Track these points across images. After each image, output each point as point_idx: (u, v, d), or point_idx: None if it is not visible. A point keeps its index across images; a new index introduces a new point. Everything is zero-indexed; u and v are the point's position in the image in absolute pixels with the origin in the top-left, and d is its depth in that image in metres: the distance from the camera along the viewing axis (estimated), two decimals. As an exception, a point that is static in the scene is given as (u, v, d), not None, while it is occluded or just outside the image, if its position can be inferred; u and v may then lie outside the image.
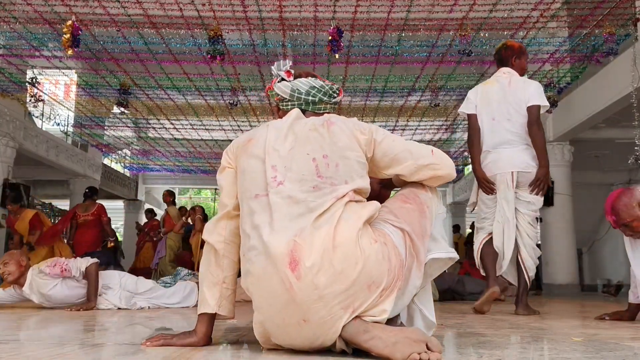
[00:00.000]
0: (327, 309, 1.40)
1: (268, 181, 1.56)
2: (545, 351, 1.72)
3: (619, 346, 1.85)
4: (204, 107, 10.55)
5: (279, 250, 1.43)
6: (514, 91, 3.66)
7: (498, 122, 3.65)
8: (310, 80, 1.84)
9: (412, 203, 1.66)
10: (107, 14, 6.98)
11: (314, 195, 1.53)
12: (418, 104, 10.18)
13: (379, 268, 1.44)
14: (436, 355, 1.31)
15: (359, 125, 1.69)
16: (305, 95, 1.80)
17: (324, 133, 1.63)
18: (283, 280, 1.41)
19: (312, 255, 1.41)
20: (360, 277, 1.41)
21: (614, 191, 2.82)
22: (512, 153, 3.60)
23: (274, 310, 1.45)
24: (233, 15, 7.05)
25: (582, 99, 8.31)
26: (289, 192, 1.53)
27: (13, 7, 6.88)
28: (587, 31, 7.18)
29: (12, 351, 1.56)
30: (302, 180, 1.55)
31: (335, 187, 1.55)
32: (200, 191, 26.33)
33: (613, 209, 2.74)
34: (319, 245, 1.42)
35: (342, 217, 1.49)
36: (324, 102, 1.82)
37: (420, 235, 1.60)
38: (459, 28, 6.91)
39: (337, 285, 1.40)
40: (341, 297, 1.40)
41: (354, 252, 1.42)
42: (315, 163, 1.58)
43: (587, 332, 2.35)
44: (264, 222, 1.51)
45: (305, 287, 1.39)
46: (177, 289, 4.24)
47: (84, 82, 9.59)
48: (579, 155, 9.66)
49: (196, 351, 1.56)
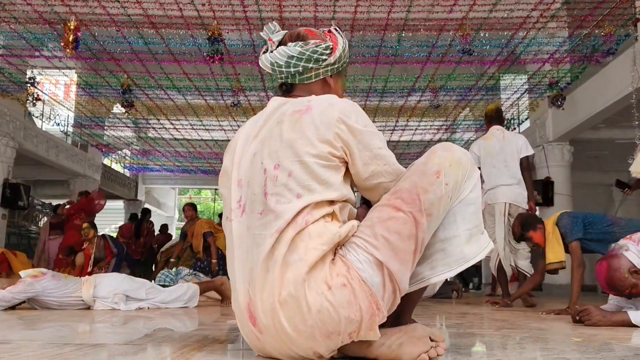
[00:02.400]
0: (301, 351, 1.30)
1: (232, 205, 1.38)
2: (545, 351, 1.72)
3: (619, 346, 1.85)
4: (204, 107, 10.55)
5: (240, 301, 1.34)
6: (508, 143, 4.85)
7: (498, 169, 4.81)
8: (290, 47, 1.49)
9: (405, 211, 1.31)
10: (106, 14, 6.98)
11: (260, 226, 1.31)
12: (418, 104, 10.18)
13: (334, 319, 1.24)
14: (442, 346, 1.30)
15: (352, 113, 1.37)
16: (285, 68, 1.49)
17: (292, 123, 1.36)
18: (251, 331, 1.35)
19: (264, 314, 1.28)
20: (314, 332, 1.25)
21: (601, 264, 2.77)
22: (506, 190, 4.77)
23: (253, 347, 1.40)
24: (233, 15, 7.05)
25: (582, 99, 8.31)
26: (247, 220, 1.34)
27: (13, 7, 6.88)
28: (587, 31, 7.17)
29: (12, 351, 1.56)
30: (254, 202, 1.34)
31: (278, 212, 1.29)
32: (200, 191, 26.33)
33: (609, 286, 2.74)
34: (267, 301, 1.27)
35: (286, 262, 1.26)
36: (311, 69, 1.50)
37: (405, 259, 1.30)
38: (459, 28, 6.91)
39: (295, 342, 1.28)
40: (306, 347, 1.28)
41: (300, 309, 1.24)
42: (266, 176, 1.33)
43: (587, 332, 2.35)
44: (231, 258, 1.38)
45: (271, 340, 1.31)
46: (177, 289, 4.23)
47: (84, 82, 9.59)
48: (578, 155, 9.66)
49: (196, 351, 1.56)
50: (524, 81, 9.55)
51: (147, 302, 3.94)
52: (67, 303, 3.72)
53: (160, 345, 1.70)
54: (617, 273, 2.68)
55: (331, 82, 1.56)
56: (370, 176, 1.38)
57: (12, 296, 3.59)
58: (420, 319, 2.51)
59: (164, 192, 19.98)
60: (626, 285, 2.66)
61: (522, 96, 10.00)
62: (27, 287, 3.67)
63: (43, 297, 3.70)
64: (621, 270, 2.67)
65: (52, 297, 3.72)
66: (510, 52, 8.09)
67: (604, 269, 2.75)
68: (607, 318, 2.63)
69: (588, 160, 10.68)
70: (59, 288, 3.75)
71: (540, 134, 9.93)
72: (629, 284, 2.66)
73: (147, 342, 1.78)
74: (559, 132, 9.33)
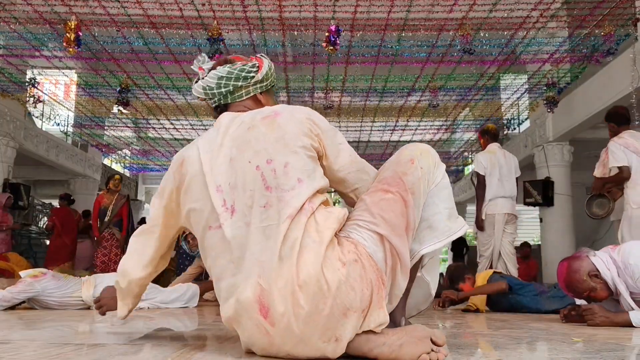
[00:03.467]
0: (310, 346, 1.31)
1: (218, 210, 1.39)
2: (545, 351, 1.72)
3: (619, 346, 1.85)
4: (204, 107, 10.55)
5: (245, 296, 1.32)
6: (507, 161, 5.40)
7: (501, 182, 5.29)
8: (219, 69, 1.62)
9: (393, 192, 1.43)
10: (107, 14, 6.98)
11: (267, 218, 1.35)
12: (418, 104, 10.18)
13: (351, 294, 1.30)
14: (443, 352, 1.30)
15: (315, 113, 1.50)
16: (217, 89, 1.61)
17: (266, 127, 1.44)
18: (258, 326, 1.33)
19: (281, 300, 1.29)
20: (333, 311, 1.29)
21: (562, 265, 2.77)
22: (505, 202, 5.30)
23: (258, 346, 1.38)
24: (233, 15, 7.05)
25: (582, 99, 8.31)
26: (243, 218, 1.36)
27: (13, 7, 6.88)
28: (587, 31, 7.18)
29: (12, 351, 1.56)
30: (252, 198, 1.37)
31: (285, 200, 1.35)
32: (200, 191, 26.37)
33: (568, 288, 2.73)
34: (284, 288, 1.29)
35: (303, 245, 1.31)
36: (241, 87, 1.62)
37: (402, 234, 1.40)
38: (459, 28, 6.91)
39: (312, 325, 1.29)
40: (319, 333, 1.30)
41: (320, 288, 1.28)
42: (260, 171, 1.39)
43: (587, 332, 2.35)
44: (226, 261, 1.37)
45: (282, 332, 1.31)
46: (177, 289, 4.23)
47: (84, 82, 9.59)
48: (578, 155, 9.66)
49: (196, 351, 1.56)
50: (524, 81, 9.55)
51: (147, 302, 3.94)
52: (67, 303, 3.72)
53: (160, 345, 1.70)
54: (576, 275, 2.67)
55: (262, 99, 1.65)
56: (340, 168, 1.52)
57: (12, 296, 3.59)
58: (419, 319, 2.51)
59: (164, 192, 19.98)
60: (584, 288, 2.66)
61: (522, 96, 10.00)
62: (27, 287, 3.67)
63: (43, 297, 3.70)
64: (580, 272, 2.66)
65: (52, 297, 3.72)
66: (510, 52, 8.09)
67: (564, 269, 2.75)
68: (610, 319, 2.61)
69: (588, 160, 10.67)
70: (59, 288, 3.75)
71: (540, 134, 9.93)
72: (587, 287, 2.65)
73: (147, 342, 1.78)
74: (558, 132, 9.33)
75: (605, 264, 2.66)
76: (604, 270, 2.65)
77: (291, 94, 9.79)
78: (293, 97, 10.09)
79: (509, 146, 11.75)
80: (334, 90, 9.34)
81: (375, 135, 12.58)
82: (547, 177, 9.56)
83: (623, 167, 4.32)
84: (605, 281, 2.65)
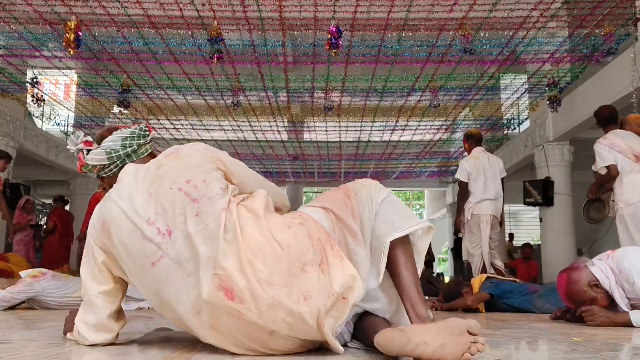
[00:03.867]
0: (283, 309, 1.35)
1: (155, 240, 1.45)
2: (545, 351, 1.72)
3: (619, 346, 1.85)
4: (204, 107, 10.55)
5: (208, 290, 1.37)
6: (492, 164, 5.65)
7: (486, 185, 5.53)
8: (118, 134, 1.77)
9: (336, 191, 1.63)
10: (107, 14, 6.98)
11: (203, 221, 1.44)
12: (418, 104, 10.17)
13: (303, 249, 1.41)
14: (481, 341, 1.31)
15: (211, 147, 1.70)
16: (122, 150, 1.74)
17: (173, 162, 1.58)
18: (232, 314, 1.37)
19: (240, 276, 1.36)
20: (291, 267, 1.37)
21: (561, 276, 2.78)
22: (490, 204, 5.54)
23: (248, 338, 1.42)
24: (233, 15, 7.05)
25: (582, 99, 8.31)
26: (181, 233, 1.44)
27: (13, 7, 6.89)
28: (587, 31, 7.18)
29: (12, 351, 1.56)
30: (184, 214, 1.46)
31: (214, 200, 1.46)
32: (200, 191, 26.38)
33: (569, 299, 2.73)
34: (239, 263, 1.37)
35: (242, 225, 1.43)
36: (143, 145, 1.78)
37: (346, 212, 1.53)
38: (459, 28, 6.91)
39: (276, 285, 1.36)
40: (285, 293, 1.36)
41: (273, 249, 1.39)
42: (183, 191, 1.50)
43: (587, 332, 2.35)
44: (182, 279, 1.42)
45: (252, 303, 1.35)
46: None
47: (84, 82, 9.59)
48: (578, 155, 9.65)
49: (196, 351, 1.56)
50: (524, 81, 9.55)
51: (147, 302, 3.94)
52: (66, 303, 3.72)
53: (160, 345, 1.70)
54: (576, 286, 2.67)
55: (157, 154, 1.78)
56: (241, 181, 1.66)
57: (12, 296, 3.60)
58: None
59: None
60: (585, 299, 2.66)
61: (522, 96, 10.00)
62: (27, 287, 3.67)
63: (43, 297, 3.70)
64: (580, 283, 2.66)
65: (52, 297, 3.73)
66: (510, 51, 8.09)
67: (563, 281, 2.75)
68: (610, 319, 2.60)
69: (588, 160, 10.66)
70: (59, 288, 3.75)
71: (540, 134, 9.92)
72: (587, 297, 2.65)
73: (146, 342, 1.78)
74: (559, 132, 9.33)
75: (604, 273, 2.66)
76: (603, 279, 2.65)
77: (291, 94, 9.79)
78: (293, 97, 10.09)
79: (509, 146, 11.75)
80: (334, 90, 9.34)
81: (375, 135, 12.58)
82: (547, 177, 9.56)
83: (610, 165, 4.42)
84: (606, 290, 2.65)
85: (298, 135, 13.02)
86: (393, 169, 15.09)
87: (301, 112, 11.51)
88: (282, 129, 12.02)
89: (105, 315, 1.61)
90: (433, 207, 20.84)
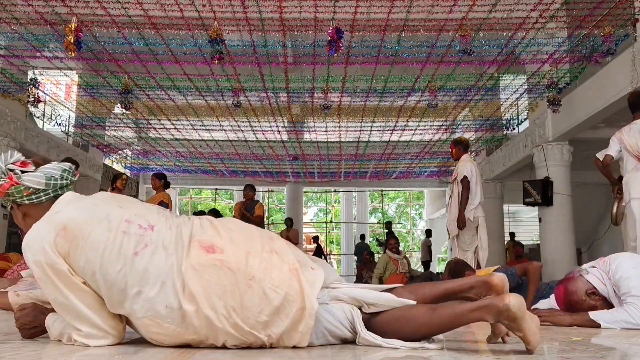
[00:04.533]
0: (259, 257, 1.61)
1: (139, 233, 1.59)
2: (545, 351, 1.73)
3: (619, 346, 1.86)
4: (205, 107, 10.56)
5: (191, 256, 1.56)
6: (477, 171, 5.93)
7: (478, 189, 5.76)
8: (56, 165, 1.79)
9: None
10: (108, 15, 6.99)
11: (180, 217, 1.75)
12: (418, 104, 10.18)
13: (269, 234, 1.83)
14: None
15: None
16: (60, 180, 1.75)
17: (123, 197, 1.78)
18: (213, 264, 1.55)
19: (216, 238, 1.62)
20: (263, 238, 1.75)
21: (558, 289, 2.78)
22: (481, 207, 5.80)
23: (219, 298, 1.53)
24: (233, 16, 7.06)
25: (582, 99, 8.32)
26: (166, 226, 1.65)
27: (14, 8, 6.90)
28: (586, 32, 7.18)
29: (12, 351, 1.58)
30: (162, 214, 1.71)
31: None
32: (200, 191, 26.34)
33: (570, 309, 2.74)
34: (215, 232, 1.66)
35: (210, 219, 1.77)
36: (71, 182, 1.79)
37: None
38: (459, 28, 6.92)
39: (249, 244, 1.65)
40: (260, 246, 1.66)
41: (243, 227, 1.79)
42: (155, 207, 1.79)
43: (586, 331, 2.37)
44: (163, 263, 1.57)
45: (230, 254, 1.57)
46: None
47: (85, 82, 9.60)
48: (578, 155, 9.66)
49: (196, 350, 1.57)
50: (524, 81, 9.56)
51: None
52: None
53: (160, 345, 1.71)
54: (574, 296, 2.68)
55: None
56: None
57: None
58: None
59: (165, 192, 20.01)
60: (584, 308, 2.66)
61: (522, 96, 10.01)
62: (28, 286, 3.68)
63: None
64: (578, 293, 2.67)
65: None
66: (509, 52, 8.10)
67: (561, 293, 2.75)
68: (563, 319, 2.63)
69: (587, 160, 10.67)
70: None
71: (539, 134, 9.93)
72: (587, 306, 2.65)
73: (147, 342, 1.79)
74: (558, 132, 9.33)
75: (600, 280, 2.67)
76: (600, 286, 2.66)
77: (291, 94, 9.80)
78: (293, 98, 10.10)
79: (509, 146, 11.75)
80: (334, 90, 9.35)
81: (375, 135, 12.59)
82: (547, 177, 9.57)
83: (606, 155, 4.51)
84: (604, 296, 2.66)
85: (298, 136, 13.03)
86: (393, 169, 15.10)
87: (301, 113, 11.52)
88: (282, 129, 12.03)
89: (100, 321, 1.61)
90: (433, 207, 20.86)
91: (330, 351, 1.57)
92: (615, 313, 2.52)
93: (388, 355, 1.52)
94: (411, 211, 27.60)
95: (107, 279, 1.55)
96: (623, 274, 2.56)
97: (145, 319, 1.56)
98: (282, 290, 1.54)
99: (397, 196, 28.87)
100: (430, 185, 18.46)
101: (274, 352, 1.55)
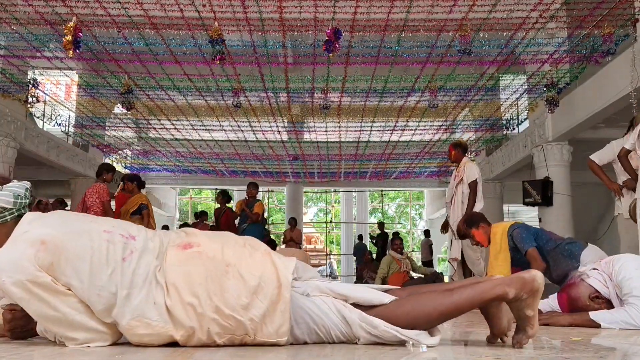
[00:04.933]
0: (234, 248, 1.70)
1: (122, 241, 1.62)
2: (544, 351, 1.74)
3: (619, 346, 1.87)
4: (205, 107, 10.56)
5: (171, 255, 1.64)
6: None
7: (481, 190, 5.66)
8: (19, 184, 1.77)
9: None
10: (108, 15, 7.00)
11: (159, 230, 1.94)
12: (417, 104, 10.19)
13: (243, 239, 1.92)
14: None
15: None
16: (24, 199, 1.74)
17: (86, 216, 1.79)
18: (192, 256, 1.63)
19: (194, 239, 1.71)
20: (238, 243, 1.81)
21: (561, 296, 2.77)
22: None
23: (200, 286, 1.58)
24: (233, 16, 7.06)
25: (582, 99, 8.32)
26: (147, 237, 1.70)
27: (14, 8, 6.90)
28: (586, 32, 7.19)
29: (12, 351, 1.58)
30: (141, 230, 1.74)
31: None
32: (200, 191, 26.34)
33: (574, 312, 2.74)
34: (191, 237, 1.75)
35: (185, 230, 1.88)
36: (30, 202, 1.79)
37: None
38: (459, 28, 6.92)
39: (225, 243, 1.74)
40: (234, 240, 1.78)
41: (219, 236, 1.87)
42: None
43: (586, 331, 2.37)
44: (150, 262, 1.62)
45: (207, 247, 1.66)
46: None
47: (85, 82, 9.61)
48: (578, 155, 9.67)
49: (196, 350, 1.57)
50: (523, 81, 9.56)
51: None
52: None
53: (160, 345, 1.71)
54: (578, 302, 2.67)
55: None
56: None
57: None
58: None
59: (165, 192, 20.00)
60: (588, 309, 2.66)
61: (522, 96, 10.01)
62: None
63: None
64: (582, 299, 2.66)
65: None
66: (509, 52, 8.10)
67: (565, 301, 2.74)
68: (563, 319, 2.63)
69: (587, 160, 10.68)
70: None
71: (539, 134, 9.94)
72: (591, 308, 2.66)
73: (149, 342, 1.79)
74: (558, 132, 9.34)
75: (601, 282, 2.66)
76: (603, 289, 2.65)
77: (291, 94, 9.80)
78: (293, 98, 10.11)
79: (508, 146, 11.76)
80: (334, 90, 9.36)
81: (375, 135, 12.59)
82: (546, 177, 9.57)
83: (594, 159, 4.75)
84: (608, 299, 2.66)
85: (298, 136, 13.03)
86: (393, 169, 15.11)
87: (301, 113, 11.53)
88: (282, 129, 12.04)
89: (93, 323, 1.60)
90: (432, 207, 20.87)
91: (330, 350, 1.57)
92: (615, 313, 2.51)
93: (388, 354, 1.52)
94: (411, 211, 27.62)
95: (96, 284, 1.54)
96: (626, 275, 2.56)
97: (133, 321, 1.56)
98: (257, 272, 1.62)
99: (397, 196, 28.89)
100: (430, 185, 18.46)
101: (274, 352, 1.55)
